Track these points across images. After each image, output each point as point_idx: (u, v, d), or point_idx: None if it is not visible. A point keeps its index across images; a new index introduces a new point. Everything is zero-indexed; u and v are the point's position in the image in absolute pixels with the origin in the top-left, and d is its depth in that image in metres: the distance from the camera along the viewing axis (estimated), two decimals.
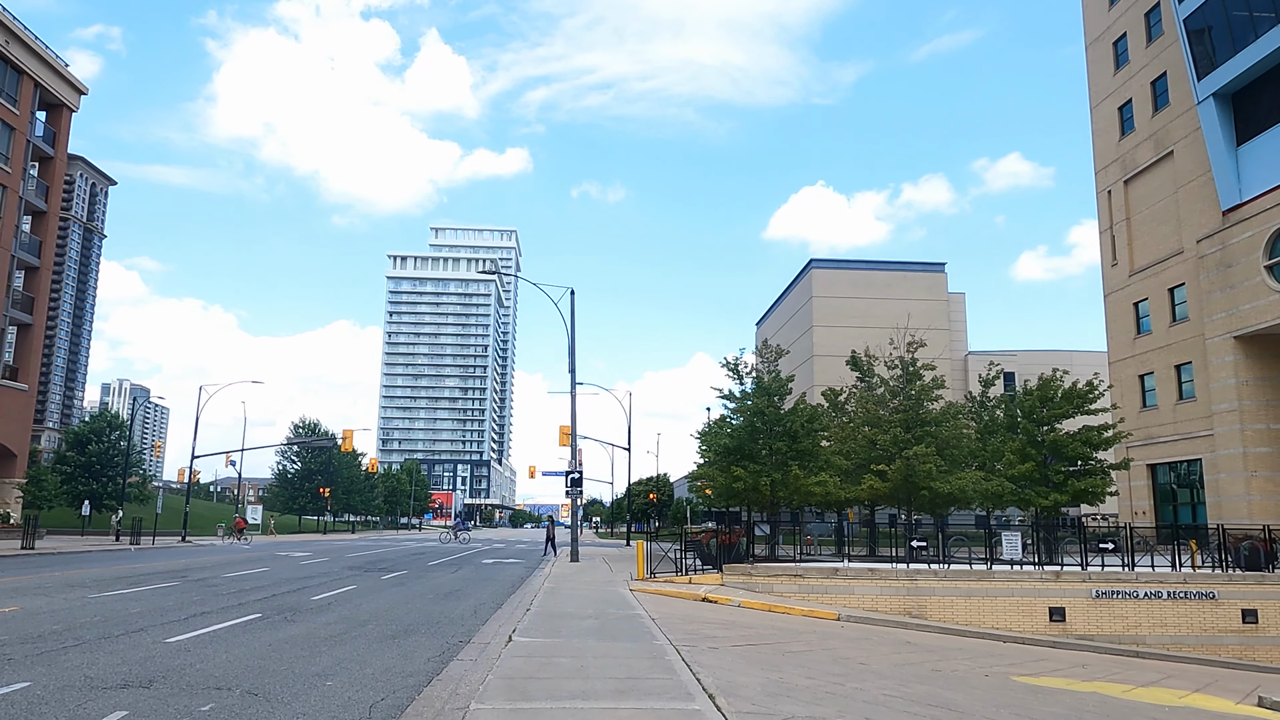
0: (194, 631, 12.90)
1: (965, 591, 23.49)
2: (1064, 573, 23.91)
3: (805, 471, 32.03)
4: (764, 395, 33.13)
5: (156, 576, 23.23)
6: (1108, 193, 57.35)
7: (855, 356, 38.92)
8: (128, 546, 43.33)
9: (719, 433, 34.23)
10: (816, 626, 19.10)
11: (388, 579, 24.40)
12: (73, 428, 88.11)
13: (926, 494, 32.19)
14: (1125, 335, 53.20)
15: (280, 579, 23.25)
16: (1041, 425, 34.29)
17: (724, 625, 16.78)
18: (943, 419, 33.36)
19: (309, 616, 15.23)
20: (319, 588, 20.85)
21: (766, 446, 33.23)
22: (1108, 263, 57.79)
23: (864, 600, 23.62)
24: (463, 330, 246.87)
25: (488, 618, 15.74)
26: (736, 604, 22.38)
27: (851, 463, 34.18)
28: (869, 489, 32.59)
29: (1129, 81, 54.64)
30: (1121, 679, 15.84)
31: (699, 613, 19.28)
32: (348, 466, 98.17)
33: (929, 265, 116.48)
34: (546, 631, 13.67)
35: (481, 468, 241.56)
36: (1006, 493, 33.22)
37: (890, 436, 32.74)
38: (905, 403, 33.78)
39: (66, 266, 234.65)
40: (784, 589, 23.89)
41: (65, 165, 50.03)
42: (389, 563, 31.91)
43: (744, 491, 33.45)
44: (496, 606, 17.88)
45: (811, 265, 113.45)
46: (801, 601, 23.42)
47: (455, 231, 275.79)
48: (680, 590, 23.23)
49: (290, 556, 35.15)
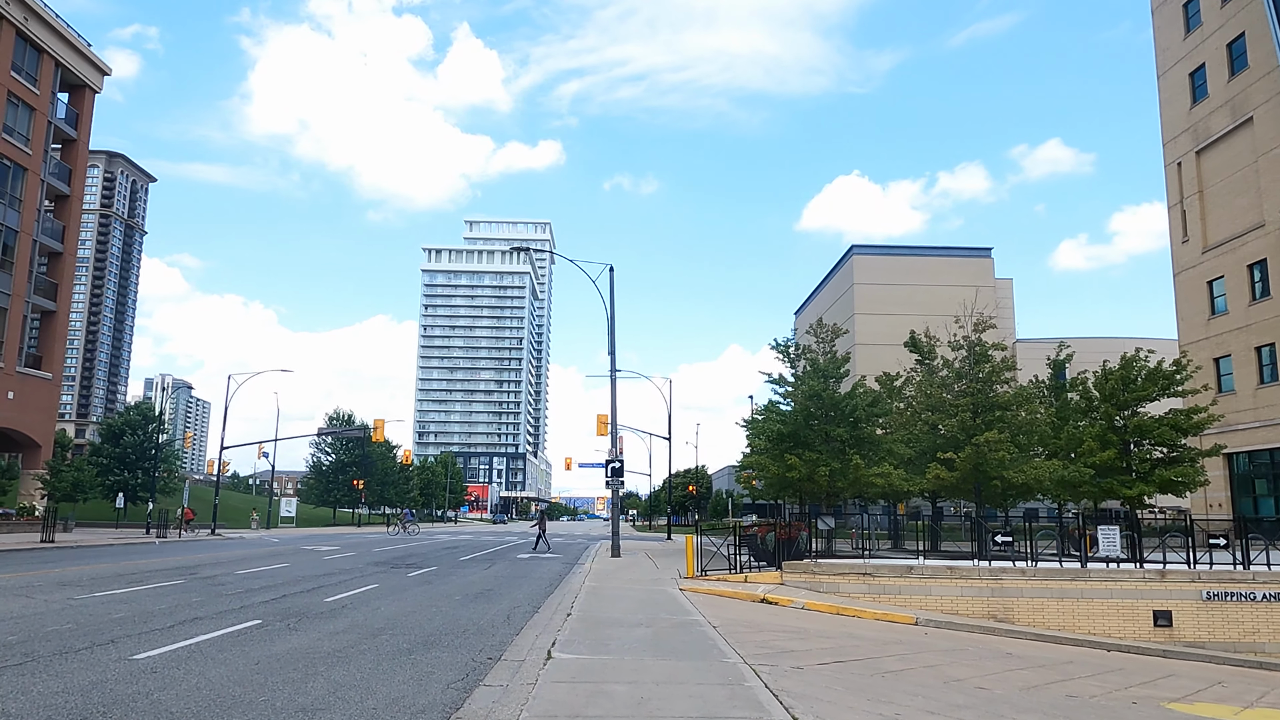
0: (172, 644, 10.79)
1: (1058, 592, 20.88)
2: (1168, 571, 21.19)
3: (866, 460, 29.50)
4: (820, 377, 30.62)
5: (162, 574, 21.32)
6: (1177, 165, 53.92)
7: (915, 338, 36.25)
8: (153, 540, 41.85)
9: (770, 419, 31.76)
10: (898, 634, 16.66)
11: (414, 577, 22.31)
12: (107, 420, 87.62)
13: (998, 484, 29.51)
14: (1198, 316, 49.94)
15: (296, 576, 21.24)
16: (1123, 409, 31.46)
17: (795, 634, 14.43)
18: (1015, 403, 30.60)
19: (315, 623, 13.10)
20: (336, 587, 18.78)
21: (823, 433, 30.73)
22: (1177, 239, 54.37)
23: (941, 602, 21.11)
24: (497, 323, 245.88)
25: (522, 625, 13.51)
26: (800, 606, 20.00)
27: (914, 451, 31.55)
28: (934, 479, 29.95)
29: (1201, 45, 51.19)
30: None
31: (761, 617, 16.94)
32: (382, 459, 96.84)
33: (975, 250, 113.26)
34: (593, 645, 11.40)
35: (517, 460, 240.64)
36: (1085, 483, 30.45)
37: (958, 422, 30.09)
38: (972, 386, 31.07)
39: (109, 262, 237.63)
40: (852, 589, 21.45)
41: (88, 148, 48.64)
42: (418, 558, 29.90)
43: (798, 482, 31.00)
44: (533, 610, 15.66)
45: (853, 251, 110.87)
46: (872, 603, 20.97)
47: (489, 224, 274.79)
48: (736, 590, 20.89)
49: (315, 550, 33.30)
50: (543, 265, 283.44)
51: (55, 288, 47.85)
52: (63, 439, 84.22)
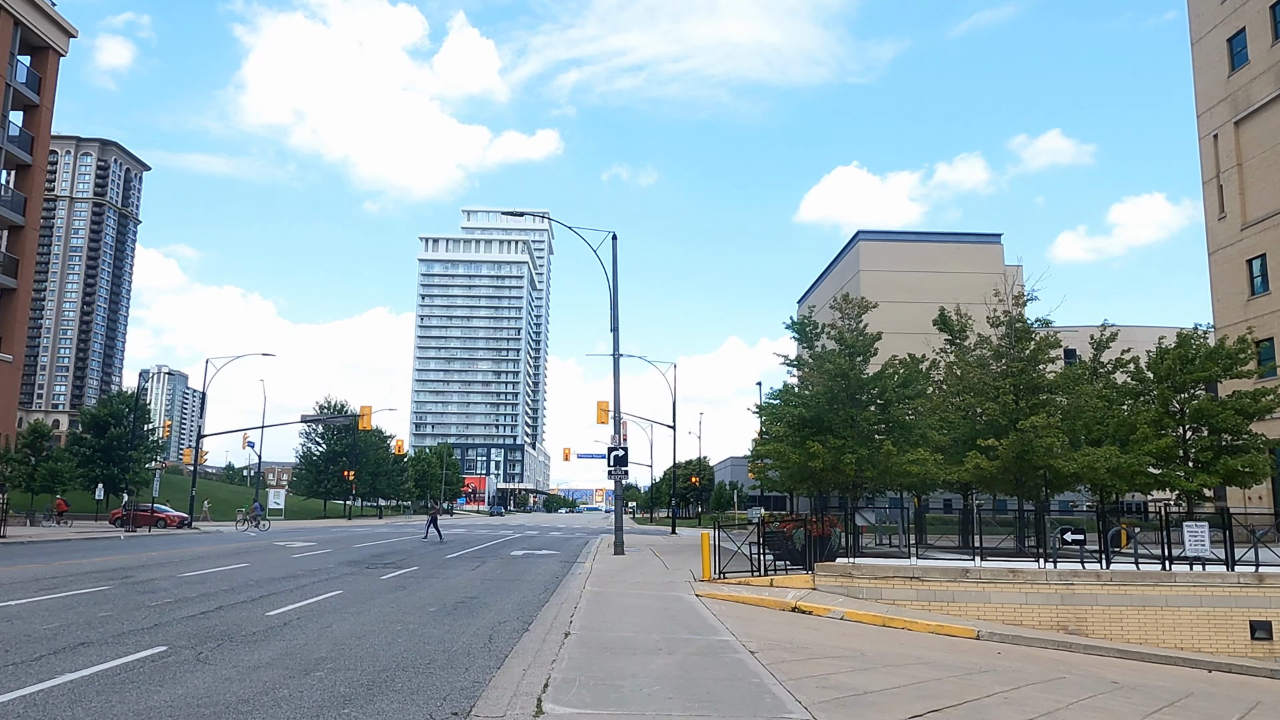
0: (18, 690, 7.76)
1: (1139, 600, 17.87)
2: (1267, 575, 18.18)
3: (898, 447, 26.46)
4: (847, 355, 27.56)
5: (92, 577, 18.26)
6: (1213, 137, 50.81)
7: (945, 315, 33.19)
8: (119, 534, 38.86)
9: (790, 402, 28.70)
10: (969, 655, 13.66)
11: (388, 580, 19.27)
12: (87, 409, 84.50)
13: (1045, 474, 26.48)
14: (1235, 297, 46.95)
15: (247, 580, 18.20)
16: (1179, 390, 28.44)
17: (854, 661, 11.42)
18: (1062, 385, 27.53)
19: (237, 651, 10.05)
20: (289, 595, 15.73)
21: (849, 417, 27.69)
22: (1213, 215, 51.28)
23: (1001, 611, 18.10)
24: (495, 313, 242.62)
25: (507, 652, 10.48)
26: (839, 616, 17.00)
27: (950, 438, 28.49)
28: (973, 469, 26.88)
29: (1242, 8, 48.06)
30: None
31: (803, 635, 13.94)
32: (374, 449, 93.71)
33: (984, 236, 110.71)
34: (599, 686, 8.38)
35: (515, 452, 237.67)
36: (1141, 473, 27.45)
37: (999, 405, 27.03)
38: (1014, 365, 28.02)
39: (102, 251, 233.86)
40: (896, 594, 18.44)
41: (52, 114, 45.38)
42: (399, 556, 26.87)
43: (822, 472, 27.97)
44: (522, 627, 12.64)
45: (858, 238, 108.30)
46: (922, 612, 17.98)
47: (487, 214, 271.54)
48: (762, 597, 17.88)
49: (287, 547, 30.26)
50: (541, 255, 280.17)
51: (16, 264, 44.71)
52: (41, 428, 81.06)
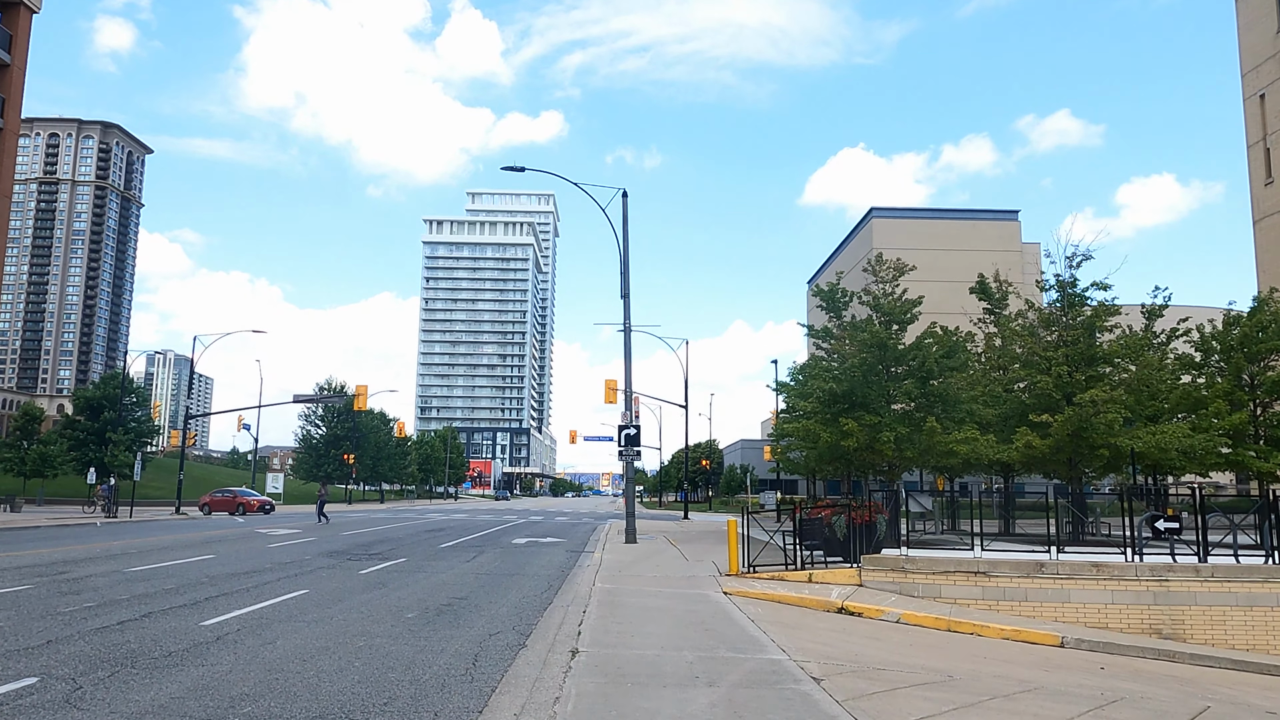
0: None
1: (1246, 599, 15.21)
2: None
3: (941, 424, 23.77)
4: (884, 322, 24.86)
5: (14, 574, 15.72)
6: (1259, 97, 47.76)
7: (984, 282, 30.44)
8: (94, 520, 36.48)
9: (820, 375, 25.98)
10: (1070, 672, 11.04)
11: (367, 574, 16.71)
12: (80, 391, 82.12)
13: (1105, 453, 23.77)
14: None
15: (201, 577, 15.64)
16: (1253, 362, 25.71)
17: (944, 685, 8.81)
18: (1128, 353, 24.76)
19: (130, 684, 7.46)
20: (240, 597, 13.16)
21: (885, 391, 25.02)
22: (1258, 181, 48.30)
23: (1084, 612, 15.46)
24: (500, 296, 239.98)
25: (496, 682, 7.88)
26: (895, 618, 14.40)
27: (997, 413, 25.76)
28: (1023, 448, 24.19)
29: None
30: None
31: (863, 646, 11.34)
32: (376, 432, 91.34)
33: (1001, 213, 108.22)
34: None
35: (521, 436, 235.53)
36: (1211, 453, 24.74)
37: (1052, 378, 24.31)
38: (1069, 334, 25.29)
39: (105, 235, 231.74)
40: (957, 592, 15.81)
41: (25, 75, 42.66)
42: (388, 545, 24.32)
43: (854, 452, 25.31)
44: (518, 641, 10.03)
45: (872, 215, 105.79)
46: (989, 613, 15.36)
47: (492, 196, 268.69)
48: (802, 595, 15.28)
49: (268, 535, 27.73)
50: (546, 238, 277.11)
51: None
52: (31, 409, 78.78)
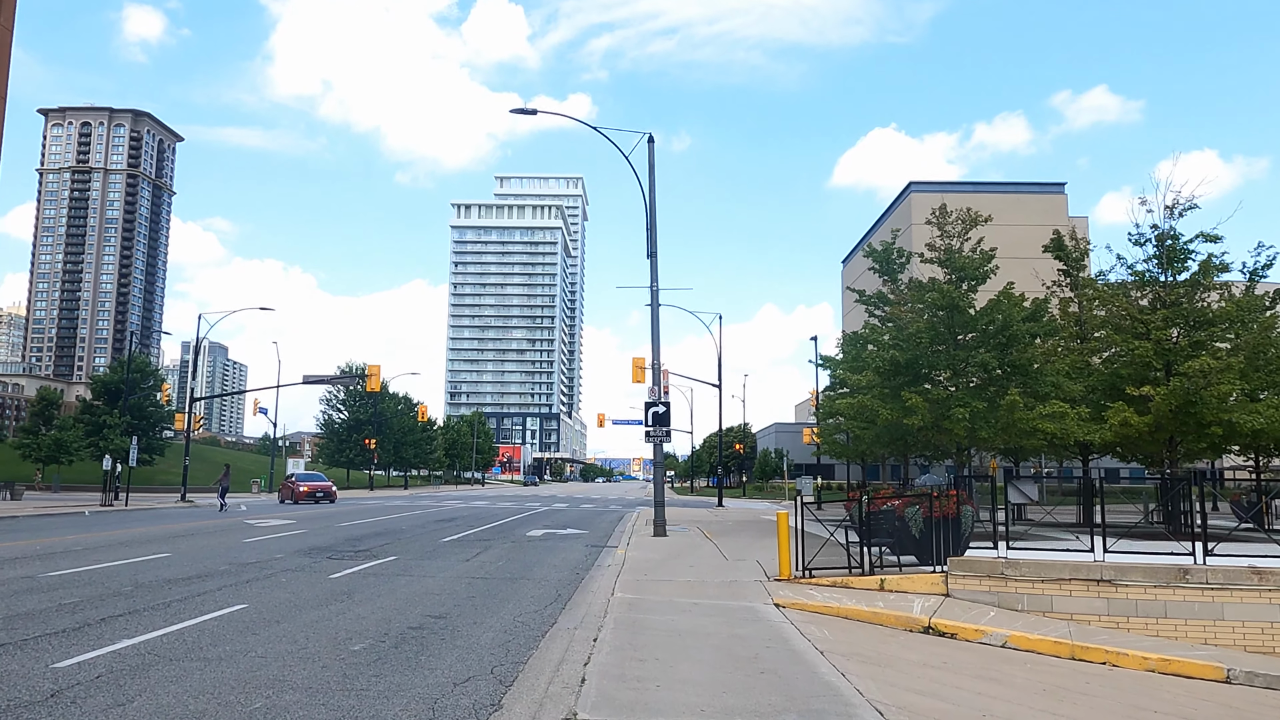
0: None
1: None
2: None
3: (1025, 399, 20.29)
4: (956, 280, 21.40)
5: None
6: None
7: (1059, 238, 26.83)
8: (83, 509, 33.99)
9: (879, 344, 22.55)
10: None
11: (337, 579, 13.64)
12: (100, 375, 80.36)
13: (1218, 430, 20.20)
14: None
15: (126, 584, 12.60)
16: None
17: None
18: (1243, 315, 21.12)
19: None
20: (154, 614, 10.09)
21: (956, 362, 21.57)
22: None
23: (1240, 631, 12.07)
24: (529, 280, 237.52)
25: None
26: (1000, 641, 11.06)
27: (1083, 387, 22.20)
28: (1118, 425, 20.66)
29: None
30: None
31: (977, 689, 8.09)
32: (399, 416, 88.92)
33: (1046, 186, 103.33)
34: None
35: (551, 421, 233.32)
36: None
37: (1153, 344, 20.74)
38: (1170, 294, 21.67)
39: (137, 223, 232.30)
40: (1074, 606, 12.45)
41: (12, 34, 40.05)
42: (382, 540, 21.29)
43: (919, 431, 21.92)
44: (489, 703, 6.83)
45: (910, 189, 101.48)
46: (1116, 632, 12.02)
47: (520, 180, 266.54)
48: (875, 609, 12.00)
49: (253, 527, 24.82)
50: (575, 221, 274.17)
51: None
52: (48, 393, 77.14)
